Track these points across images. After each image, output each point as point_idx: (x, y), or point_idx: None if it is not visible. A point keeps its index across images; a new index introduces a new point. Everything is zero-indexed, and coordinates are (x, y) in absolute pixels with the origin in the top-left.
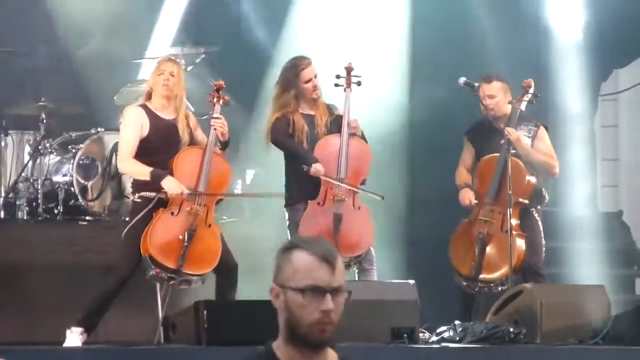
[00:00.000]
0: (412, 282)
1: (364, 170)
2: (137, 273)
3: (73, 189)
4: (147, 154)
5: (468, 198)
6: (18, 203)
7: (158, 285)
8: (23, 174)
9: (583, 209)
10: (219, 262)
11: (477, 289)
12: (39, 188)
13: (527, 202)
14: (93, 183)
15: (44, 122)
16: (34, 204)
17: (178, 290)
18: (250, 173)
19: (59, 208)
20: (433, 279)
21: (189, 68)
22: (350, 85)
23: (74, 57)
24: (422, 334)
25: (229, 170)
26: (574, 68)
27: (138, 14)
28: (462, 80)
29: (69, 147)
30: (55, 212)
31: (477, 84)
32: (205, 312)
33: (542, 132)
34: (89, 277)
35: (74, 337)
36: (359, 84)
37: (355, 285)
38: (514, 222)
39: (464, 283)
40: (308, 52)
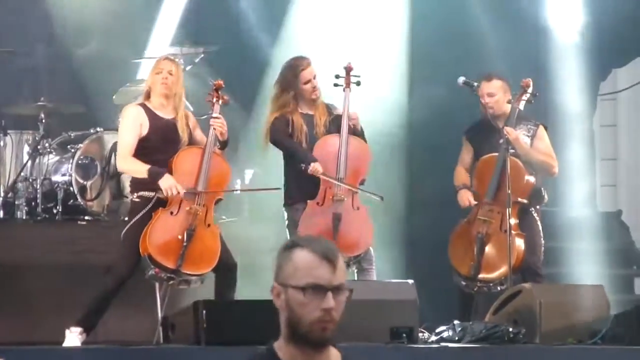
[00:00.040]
0: (411, 281)
1: (363, 170)
2: (136, 273)
3: (72, 189)
4: (146, 153)
5: (467, 199)
6: (17, 203)
7: (157, 285)
8: (22, 174)
9: (582, 209)
10: (218, 261)
11: (476, 289)
12: (38, 188)
13: (526, 201)
14: (92, 183)
15: (43, 121)
16: (33, 204)
17: (177, 290)
18: (249, 173)
19: (58, 208)
20: (432, 279)
21: (188, 68)
22: (350, 85)
23: (73, 56)
24: (421, 334)
25: (228, 170)
26: (573, 67)
27: (137, 14)
28: (461, 80)
29: (68, 146)
30: (54, 211)
31: (476, 84)
32: (205, 312)
33: (541, 131)
34: (88, 276)
35: (73, 336)
36: (358, 84)
37: (354, 285)
38: (513, 221)
39: (463, 283)
40: (307, 51)
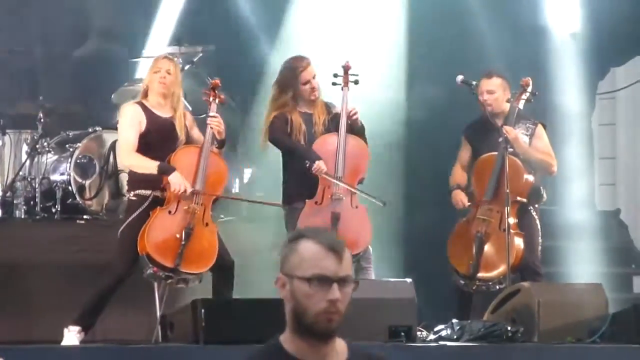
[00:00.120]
0: (409, 280)
1: (362, 170)
2: (134, 272)
3: (71, 188)
4: (143, 151)
5: (460, 200)
6: (16, 202)
7: (156, 284)
8: (21, 173)
9: (580, 208)
10: (216, 260)
11: (474, 288)
12: (37, 187)
13: (525, 200)
14: (91, 182)
15: (42, 121)
16: (32, 203)
17: (176, 289)
18: (248, 172)
19: (57, 207)
20: (430, 278)
21: (187, 67)
22: (348, 84)
23: (72, 56)
24: (419, 333)
25: (226, 169)
26: (572, 66)
27: (135, 13)
28: (459, 79)
29: (67, 146)
30: (53, 211)
31: (474, 83)
32: (203, 310)
33: (539, 130)
34: (87, 275)
35: (72, 335)
36: (357, 83)
37: None
38: (512, 220)
39: (462, 281)
40: (305, 50)
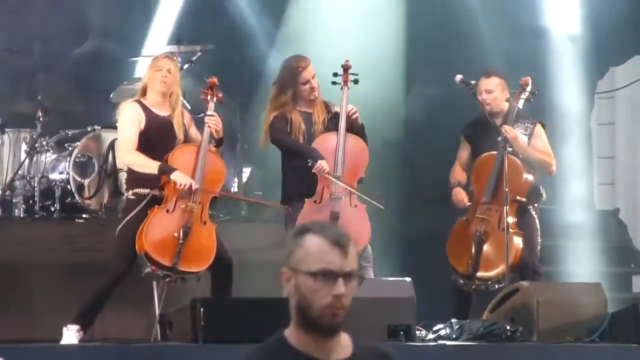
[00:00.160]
0: (408, 279)
1: (361, 169)
2: (133, 270)
3: (70, 187)
4: (141, 150)
5: (460, 198)
6: (15, 201)
7: (155, 283)
8: (20, 172)
9: (579, 207)
10: (214, 259)
11: (474, 287)
12: (36, 186)
13: (524, 200)
14: (90, 181)
15: (41, 120)
16: (31, 202)
17: (175, 288)
18: (247, 171)
19: (56, 206)
20: (430, 277)
21: (185, 66)
22: (348, 83)
23: (71, 55)
24: (418, 332)
25: (224, 168)
26: (571, 66)
27: (134, 12)
28: (458, 78)
29: (66, 144)
30: (52, 209)
31: (473, 82)
32: (202, 309)
33: (538, 129)
34: (86, 274)
35: (71, 334)
36: (356, 82)
37: None
38: (511, 220)
39: (461, 281)
40: (305, 50)
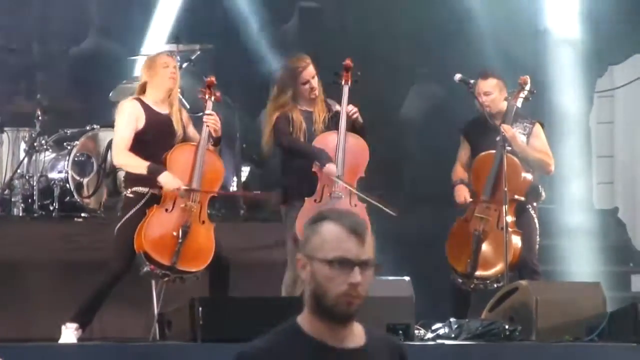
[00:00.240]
0: (407, 278)
1: (361, 168)
2: (131, 269)
3: (68, 186)
4: (142, 148)
5: (463, 195)
6: (14, 200)
7: (153, 282)
8: (18, 171)
9: (578, 206)
10: (213, 258)
11: (472, 286)
12: (35, 185)
13: (523, 199)
14: (88, 180)
15: (40, 119)
16: (30, 201)
17: (173, 287)
18: (246, 170)
19: (55, 205)
20: (428, 276)
21: (184, 65)
22: (348, 82)
23: (70, 54)
24: (417, 331)
25: (222, 167)
26: (570, 65)
27: (133, 11)
28: (457, 77)
29: (65, 143)
30: (51, 208)
31: (472, 81)
32: (201, 308)
33: (537, 129)
34: (85, 273)
35: (69, 332)
36: (357, 81)
37: None
38: (510, 219)
39: (460, 280)
40: (305, 49)
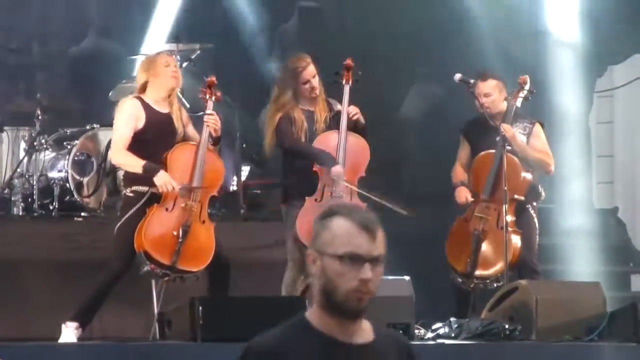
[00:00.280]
0: (407, 278)
1: (362, 167)
2: (131, 269)
3: (68, 185)
4: (142, 146)
5: (464, 196)
6: (13, 199)
7: (153, 281)
8: (18, 170)
9: (578, 206)
10: (213, 258)
11: (472, 286)
12: (35, 184)
13: (522, 198)
14: (88, 179)
15: (39, 118)
16: (30, 200)
17: (173, 286)
18: (246, 170)
19: (55, 204)
20: (428, 276)
21: (185, 64)
22: (349, 82)
23: (69, 53)
24: (417, 331)
25: (222, 167)
26: (570, 65)
27: (133, 10)
28: (457, 77)
29: (64, 143)
30: (51, 208)
31: (472, 81)
32: (201, 308)
33: (537, 129)
34: (84, 272)
35: (69, 332)
36: (358, 81)
37: None
38: (510, 218)
39: (460, 279)
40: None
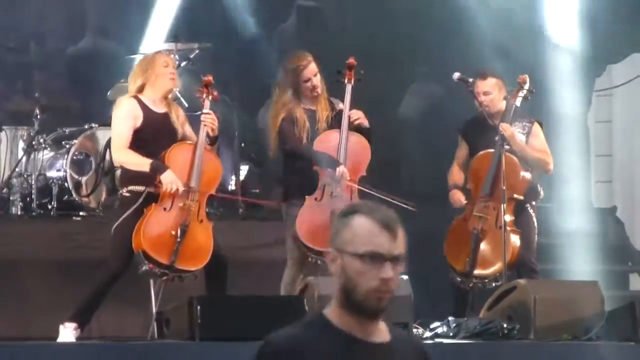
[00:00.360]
0: (406, 277)
1: (363, 166)
2: (130, 268)
3: (67, 185)
4: (140, 146)
5: (458, 199)
6: (12, 198)
7: (152, 281)
8: (17, 170)
9: (577, 205)
10: (211, 257)
11: (471, 285)
12: (33, 183)
13: (521, 198)
14: (87, 178)
15: (38, 117)
16: (28, 200)
17: (171, 286)
18: (244, 169)
19: (53, 203)
20: (427, 275)
21: (183, 64)
22: (352, 81)
23: (68, 52)
24: (415, 330)
25: (220, 166)
26: (569, 64)
27: (132, 9)
28: (456, 76)
29: (63, 142)
30: (49, 207)
31: (471, 80)
32: (199, 307)
33: (536, 128)
34: (83, 272)
35: (68, 332)
36: (360, 80)
37: None
38: (508, 218)
39: (459, 279)
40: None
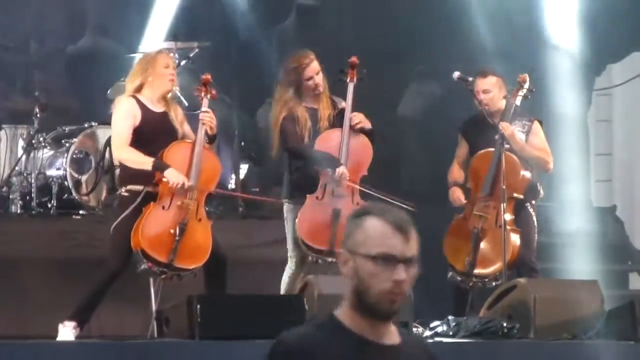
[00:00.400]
0: None
1: (364, 166)
2: (129, 267)
3: (67, 183)
4: (140, 145)
5: (457, 197)
6: (12, 197)
7: (151, 280)
8: (17, 168)
9: (577, 204)
10: (210, 256)
11: (471, 284)
12: (33, 182)
13: (521, 197)
14: (87, 177)
15: (38, 116)
16: (28, 198)
17: (171, 284)
18: (244, 167)
19: (53, 202)
20: (427, 274)
21: (183, 62)
22: (354, 80)
23: (67, 51)
24: (415, 329)
25: (219, 164)
26: (568, 63)
27: (131, 8)
28: (456, 75)
29: (63, 141)
30: (49, 206)
31: (471, 79)
32: (199, 306)
33: (536, 127)
34: (83, 271)
35: (67, 331)
36: (363, 79)
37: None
38: (508, 217)
39: (458, 278)
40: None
